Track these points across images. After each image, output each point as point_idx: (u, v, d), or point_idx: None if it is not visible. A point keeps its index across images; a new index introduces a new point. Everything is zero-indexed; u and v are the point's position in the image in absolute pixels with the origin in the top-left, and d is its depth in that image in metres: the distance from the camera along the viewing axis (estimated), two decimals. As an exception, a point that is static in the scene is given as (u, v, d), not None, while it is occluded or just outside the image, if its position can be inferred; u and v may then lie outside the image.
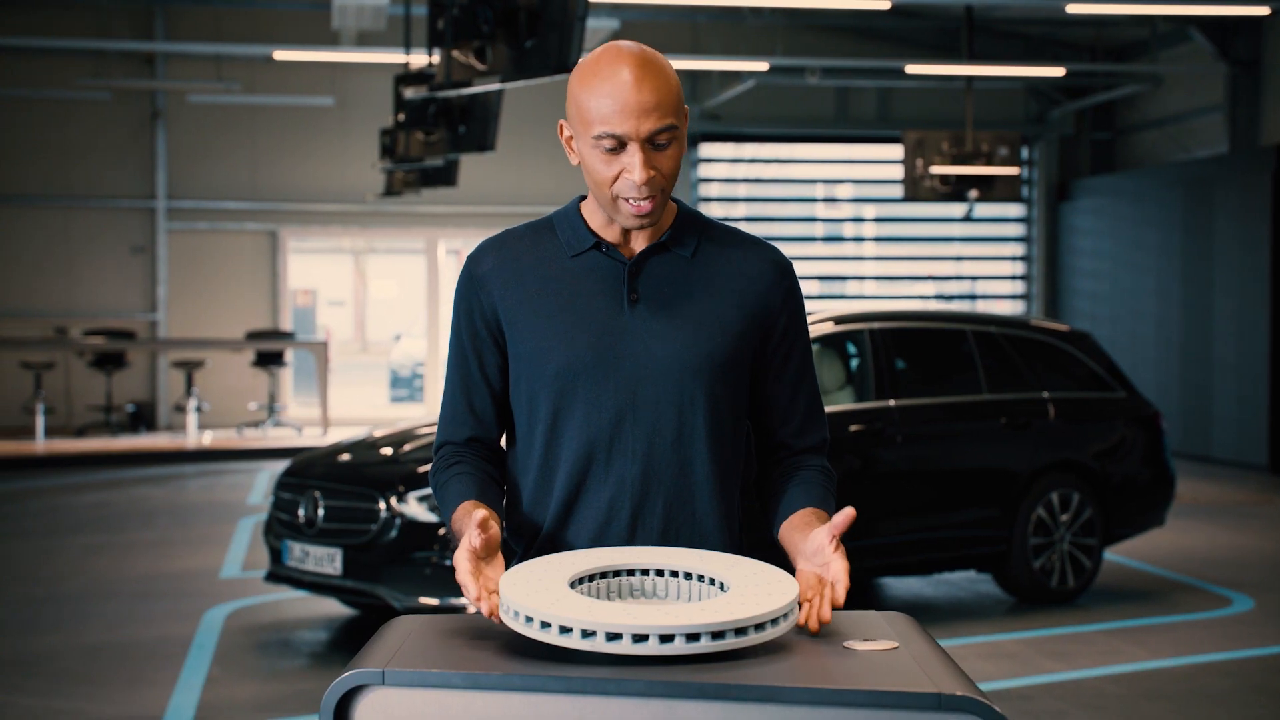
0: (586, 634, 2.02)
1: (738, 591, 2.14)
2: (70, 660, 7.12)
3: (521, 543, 2.60)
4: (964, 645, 7.51)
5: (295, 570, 7.46)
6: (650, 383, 2.51)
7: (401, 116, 11.61)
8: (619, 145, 2.43)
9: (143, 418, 18.11)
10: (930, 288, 20.88)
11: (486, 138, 10.75)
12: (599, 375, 2.49)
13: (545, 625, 2.05)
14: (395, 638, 2.18)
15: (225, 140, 18.58)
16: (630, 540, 2.51)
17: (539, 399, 2.54)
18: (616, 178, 2.45)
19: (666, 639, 2.00)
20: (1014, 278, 20.76)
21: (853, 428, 7.96)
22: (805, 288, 20.33)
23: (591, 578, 2.26)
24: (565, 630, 2.03)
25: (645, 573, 2.31)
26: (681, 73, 19.08)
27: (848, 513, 2.29)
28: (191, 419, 17.08)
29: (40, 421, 16.70)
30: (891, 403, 8.14)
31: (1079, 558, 8.60)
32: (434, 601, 6.90)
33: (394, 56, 15.19)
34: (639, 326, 2.51)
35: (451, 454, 2.63)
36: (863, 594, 8.90)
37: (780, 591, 2.14)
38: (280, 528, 7.62)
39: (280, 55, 15.97)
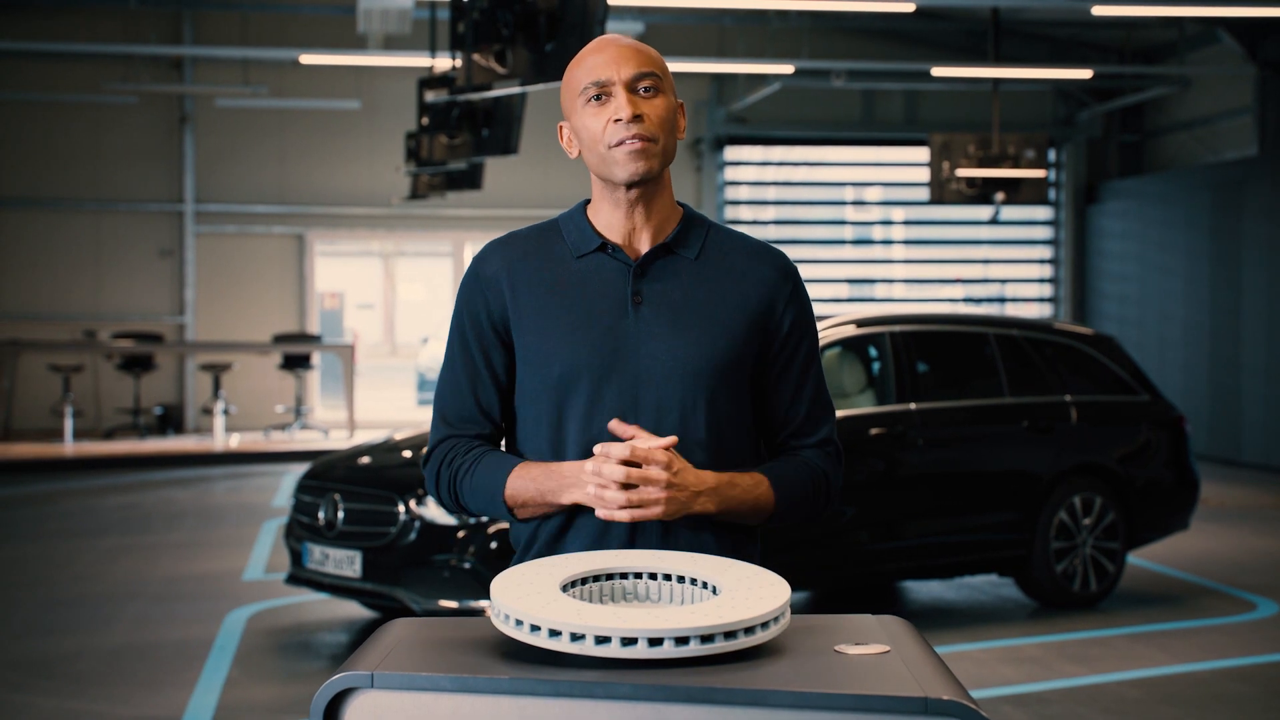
0: (575, 637, 2.01)
1: (728, 595, 2.14)
2: (91, 661, 7.15)
3: (522, 544, 2.61)
4: (984, 649, 7.48)
5: (315, 573, 7.48)
6: (652, 385, 2.52)
7: (425, 120, 11.64)
8: (605, 96, 2.51)
9: (170, 420, 18.20)
10: (959, 291, 20.81)
11: (509, 141, 10.75)
12: (601, 377, 2.50)
13: (535, 628, 2.05)
14: (388, 640, 2.18)
15: (252, 144, 18.66)
16: (631, 542, 2.51)
17: (542, 400, 2.55)
18: (606, 127, 2.51)
19: (655, 642, 2.00)
20: (1042, 280, 20.69)
21: (874, 431, 7.95)
22: (834, 291, 20.32)
23: (584, 581, 2.26)
24: (554, 633, 2.03)
25: (638, 576, 2.30)
26: (707, 75, 19.10)
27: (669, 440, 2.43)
28: (219, 422, 17.15)
29: (69, 424, 16.79)
30: (913, 406, 8.12)
31: (1102, 562, 8.56)
32: (453, 604, 6.90)
33: (419, 60, 15.24)
34: (642, 328, 2.53)
35: (465, 443, 2.62)
36: (885, 597, 8.88)
37: (771, 595, 2.13)
38: (300, 530, 7.64)
39: (307, 59, 16.02)
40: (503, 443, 2.69)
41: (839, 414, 7.89)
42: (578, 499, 2.46)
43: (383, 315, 37.47)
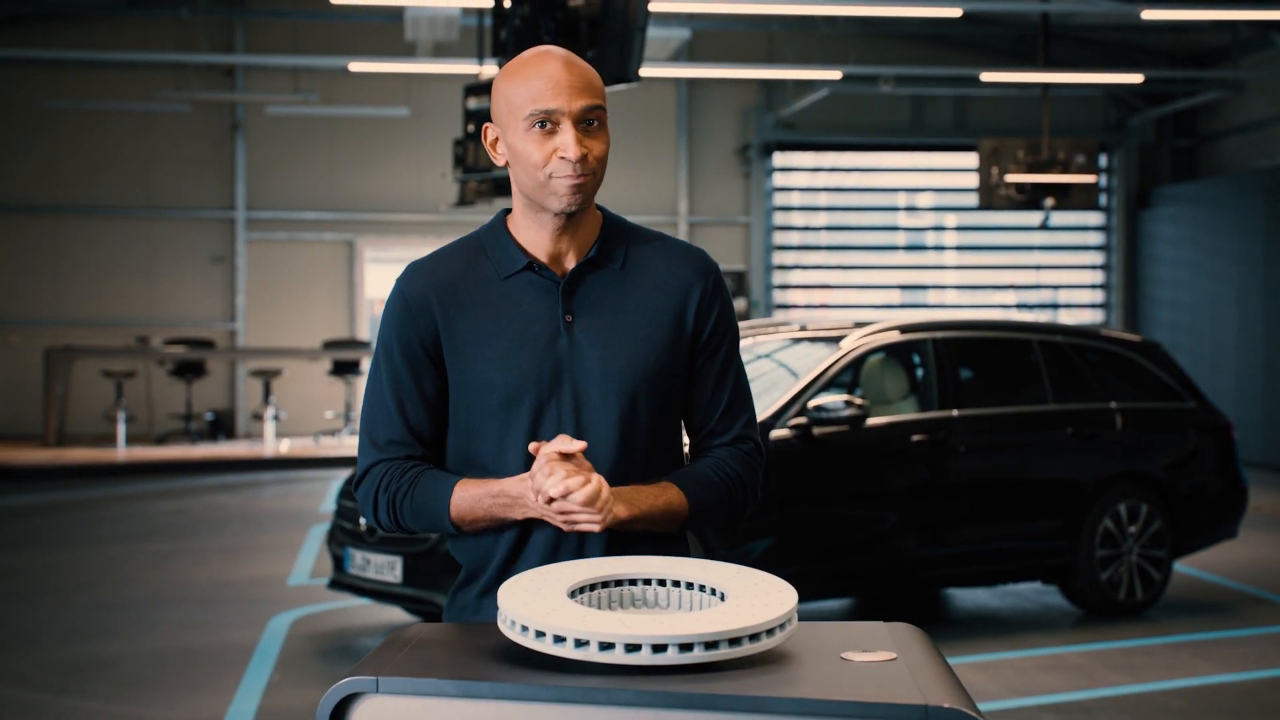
0: (580, 643, 2.02)
1: (735, 601, 2.13)
2: (135, 665, 7.21)
3: (468, 565, 2.62)
4: (1027, 657, 7.43)
5: (357, 578, 7.52)
6: (592, 402, 2.53)
7: (471, 127, 11.68)
8: (551, 125, 2.48)
9: (221, 426, 18.34)
10: (1011, 297, 20.70)
11: (554, 147, 10.77)
12: (541, 398, 2.51)
13: (540, 634, 2.05)
14: (396, 646, 2.19)
15: (303, 151, 18.78)
16: (580, 556, 2.51)
17: (484, 423, 2.55)
18: (549, 158, 2.48)
19: (659, 649, 2.00)
20: (1094, 286, 20.55)
21: (916, 437, 7.91)
22: (886, 297, 20.24)
23: (592, 587, 2.26)
24: (559, 639, 2.03)
25: (646, 582, 2.30)
26: (755, 81, 19.08)
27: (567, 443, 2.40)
28: (269, 427, 17.27)
29: (121, 429, 16.95)
30: (955, 412, 8.08)
31: (1148, 570, 8.48)
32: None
33: (466, 67, 15.29)
34: (576, 347, 2.53)
35: (398, 465, 2.59)
36: (929, 604, 8.84)
37: (777, 601, 2.12)
38: (343, 535, 7.68)
39: (356, 67, 16.13)
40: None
41: (881, 420, 7.86)
42: (531, 514, 2.46)
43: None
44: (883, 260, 20.42)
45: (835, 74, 16.40)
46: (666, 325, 2.57)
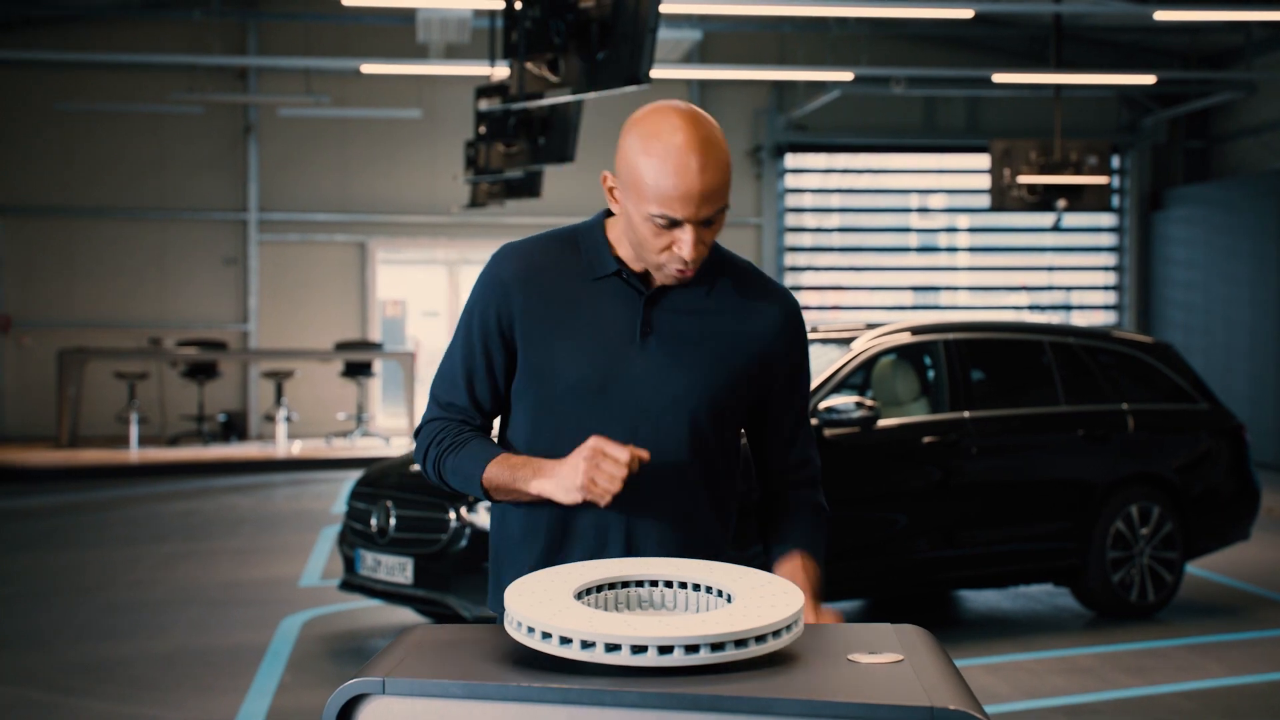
0: (586, 645, 2.02)
1: (741, 603, 2.13)
2: (146, 666, 7.22)
3: (513, 555, 2.64)
4: (1038, 659, 7.42)
5: (368, 579, 7.53)
6: (651, 418, 2.55)
7: (483, 129, 11.68)
8: (673, 224, 2.46)
9: (234, 427, 18.36)
10: (1024, 298, 20.66)
11: (566, 149, 10.77)
12: (602, 402, 2.52)
13: (546, 635, 2.05)
14: (404, 647, 2.19)
15: (315, 153, 18.80)
16: (629, 549, 2.56)
17: (543, 415, 2.58)
18: (665, 250, 2.49)
19: (665, 650, 2.00)
20: (1107, 288, 20.51)
21: (927, 439, 7.90)
22: (898, 299, 20.23)
23: (600, 589, 2.27)
24: (565, 641, 2.03)
25: (653, 584, 2.30)
26: (767, 83, 19.07)
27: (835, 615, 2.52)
28: (281, 429, 17.29)
29: (134, 430, 16.97)
30: (966, 414, 8.07)
31: (1159, 572, 8.47)
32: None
33: (478, 69, 15.30)
34: (647, 360, 2.54)
35: (454, 425, 2.66)
36: (940, 606, 8.83)
37: (784, 603, 2.12)
38: (354, 537, 7.69)
39: (368, 69, 16.13)
40: (493, 433, 2.75)
41: (892, 421, 7.87)
42: (544, 490, 2.48)
43: (448, 323, 37.62)
44: (894, 261, 20.40)
45: (847, 75, 16.38)
46: (745, 356, 2.59)
